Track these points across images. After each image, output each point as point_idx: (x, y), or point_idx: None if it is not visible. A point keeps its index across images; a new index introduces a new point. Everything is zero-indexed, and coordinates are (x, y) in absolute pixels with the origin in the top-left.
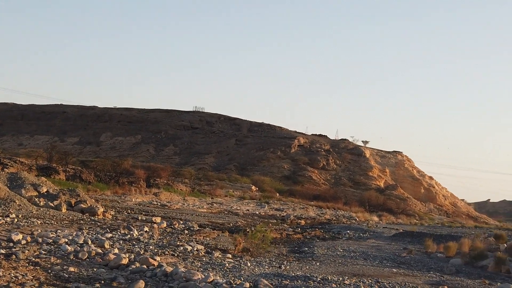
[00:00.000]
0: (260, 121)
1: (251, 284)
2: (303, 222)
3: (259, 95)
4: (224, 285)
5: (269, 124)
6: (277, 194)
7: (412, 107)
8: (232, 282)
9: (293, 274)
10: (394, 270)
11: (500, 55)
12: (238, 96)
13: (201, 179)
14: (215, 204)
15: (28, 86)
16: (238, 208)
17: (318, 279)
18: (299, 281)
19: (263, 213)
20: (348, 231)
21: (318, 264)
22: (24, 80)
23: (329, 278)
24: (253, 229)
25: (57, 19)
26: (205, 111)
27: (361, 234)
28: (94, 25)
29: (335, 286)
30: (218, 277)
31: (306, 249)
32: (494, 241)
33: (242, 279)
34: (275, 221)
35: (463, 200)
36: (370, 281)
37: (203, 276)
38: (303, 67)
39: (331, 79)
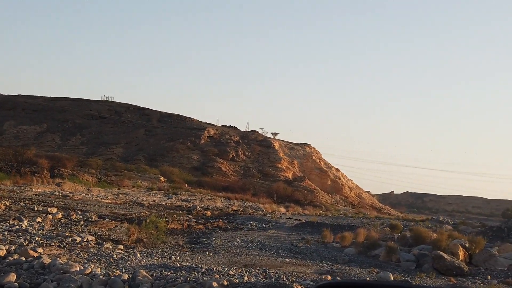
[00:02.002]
0: (170, 112)
1: (129, 275)
2: (209, 213)
3: (170, 86)
4: (101, 277)
5: (179, 115)
6: (186, 185)
7: (322, 100)
8: (111, 273)
9: (179, 265)
10: (287, 260)
11: (403, 49)
12: (148, 86)
13: (108, 169)
14: (120, 195)
15: None
16: (145, 199)
17: (203, 269)
18: (183, 272)
19: (170, 204)
20: (251, 222)
21: (211, 254)
22: None
23: (214, 268)
24: (147, 219)
25: None
26: (114, 100)
27: (264, 225)
28: None
29: (218, 276)
30: (98, 269)
31: (204, 239)
32: (389, 231)
33: (124, 271)
34: (180, 212)
35: (368, 192)
36: (257, 271)
37: (82, 268)
38: (215, 58)
39: (243, 70)
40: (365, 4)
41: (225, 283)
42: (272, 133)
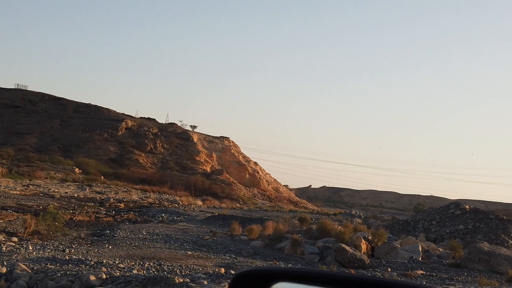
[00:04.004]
0: (87, 102)
1: (8, 268)
2: (122, 205)
3: (88, 76)
4: None
5: (96, 106)
6: (102, 177)
7: (241, 94)
8: None
9: (68, 258)
10: (190, 252)
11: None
12: (65, 76)
13: (20, 160)
14: (31, 186)
15: None
16: (56, 190)
17: (92, 262)
18: (70, 265)
19: (83, 196)
20: (163, 215)
21: (110, 247)
22: None
23: (105, 261)
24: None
25: None
26: (28, 89)
27: (175, 217)
28: None
29: (105, 270)
30: None
31: (108, 232)
32: (298, 224)
33: (6, 264)
34: (93, 204)
35: (286, 186)
36: (152, 264)
37: None
38: (135, 49)
39: (165, 62)
40: None
41: (104, 276)
42: (191, 126)
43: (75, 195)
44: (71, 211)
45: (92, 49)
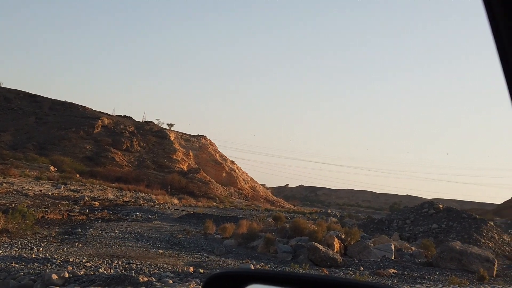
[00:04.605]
0: (63, 100)
1: None
2: (97, 203)
3: (64, 73)
4: None
5: (72, 103)
6: (77, 175)
7: (219, 92)
8: None
9: (34, 256)
10: (161, 251)
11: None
12: (40, 73)
13: None
14: (5, 184)
15: None
16: (30, 188)
17: (58, 261)
18: (36, 264)
19: (57, 194)
20: (138, 213)
21: (80, 246)
22: None
23: (71, 260)
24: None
25: None
26: (3, 86)
27: (150, 216)
28: None
29: (71, 268)
30: None
31: (80, 230)
32: (273, 222)
33: None
34: (67, 202)
35: (263, 184)
36: (121, 262)
37: None
38: (112, 47)
39: (140, 60)
40: None
41: (67, 275)
42: (168, 124)
43: (49, 193)
44: (43, 209)
45: (67, 46)
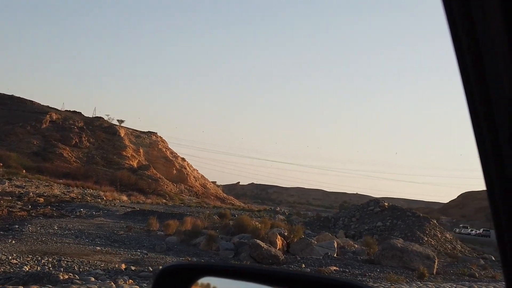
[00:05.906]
0: (10, 94)
1: None
2: (42, 200)
3: (12, 66)
4: None
5: (20, 97)
6: (24, 171)
7: (171, 89)
8: None
9: None
10: (98, 248)
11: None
12: None
13: None
14: None
15: None
16: None
17: None
18: None
19: (0, 190)
20: (81, 209)
21: (14, 242)
22: None
23: None
24: None
25: None
26: None
27: (94, 212)
28: None
29: None
30: None
31: (17, 226)
32: (219, 219)
33: None
34: (10, 198)
35: (214, 182)
36: (51, 259)
37: None
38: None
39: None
40: None
41: None
42: (118, 120)
43: None
44: None
45: (16, 38)
